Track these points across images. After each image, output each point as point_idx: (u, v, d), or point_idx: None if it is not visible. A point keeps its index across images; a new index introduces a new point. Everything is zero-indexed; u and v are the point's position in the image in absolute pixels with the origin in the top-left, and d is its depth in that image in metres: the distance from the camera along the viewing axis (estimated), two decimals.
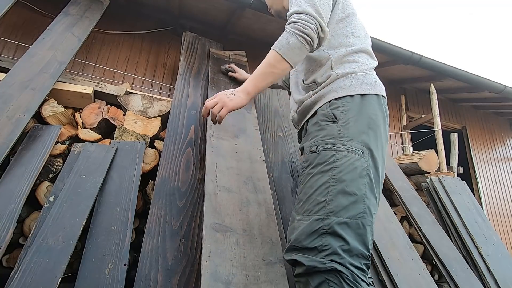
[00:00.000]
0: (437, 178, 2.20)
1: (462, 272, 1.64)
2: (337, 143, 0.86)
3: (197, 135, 1.53)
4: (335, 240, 0.75)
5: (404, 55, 2.94)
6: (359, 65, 1.01)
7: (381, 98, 0.98)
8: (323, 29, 0.95)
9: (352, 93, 0.94)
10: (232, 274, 0.87)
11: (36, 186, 1.27)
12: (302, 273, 0.75)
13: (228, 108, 1.01)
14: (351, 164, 0.82)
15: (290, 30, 0.95)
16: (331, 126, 0.91)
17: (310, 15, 0.94)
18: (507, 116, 4.69)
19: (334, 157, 0.84)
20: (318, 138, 0.91)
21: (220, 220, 1.00)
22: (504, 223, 3.87)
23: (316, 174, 0.85)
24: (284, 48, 0.95)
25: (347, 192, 0.79)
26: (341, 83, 0.97)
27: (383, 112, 0.95)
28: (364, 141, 0.86)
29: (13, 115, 1.31)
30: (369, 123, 0.90)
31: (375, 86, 0.98)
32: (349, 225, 0.76)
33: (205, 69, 1.97)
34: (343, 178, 0.81)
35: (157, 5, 2.60)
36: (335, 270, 0.72)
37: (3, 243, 1.00)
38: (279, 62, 0.95)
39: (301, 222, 0.81)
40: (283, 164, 1.71)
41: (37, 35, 1.73)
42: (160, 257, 1.06)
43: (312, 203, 0.81)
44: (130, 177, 1.31)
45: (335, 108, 0.93)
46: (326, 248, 0.74)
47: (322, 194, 0.81)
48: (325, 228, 0.76)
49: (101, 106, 1.62)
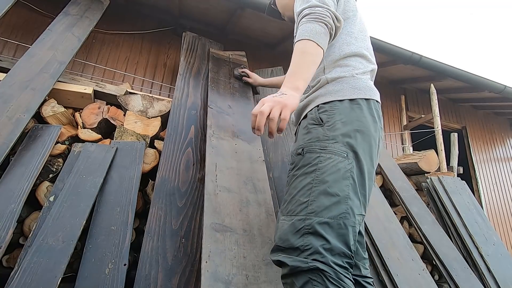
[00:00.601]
0: (437, 178, 2.20)
1: (462, 272, 1.64)
2: (322, 145, 0.87)
3: (197, 135, 1.53)
4: (317, 239, 0.75)
5: (404, 55, 2.94)
6: (350, 69, 1.00)
7: (372, 102, 0.97)
8: (338, 18, 0.95)
9: (340, 98, 0.94)
10: (232, 274, 0.87)
11: (36, 186, 1.27)
12: (287, 273, 0.76)
13: (290, 109, 0.84)
14: (334, 165, 0.83)
15: (309, 19, 0.92)
16: (317, 129, 0.92)
17: (323, 7, 0.94)
18: (507, 116, 4.69)
19: (318, 159, 0.85)
20: (304, 141, 0.92)
21: (220, 220, 1.00)
22: (504, 223, 3.87)
23: (300, 175, 0.86)
24: (313, 34, 0.90)
25: (329, 193, 0.80)
26: (330, 88, 0.97)
27: (373, 115, 0.95)
28: (349, 144, 0.86)
29: (13, 115, 1.31)
30: (356, 126, 0.90)
31: (364, 90, 0.97)
32: (330, 225, 0.77)
33: (205, 69, 1.97)
34: (326, 179, 0.82)
35: (157, 5, 2.60)
36: (318, 269, 0.72)
37: (3, 243, 1.00)
38: (312, 48, 0.90)
39: (284, 222, 0.82)
40: (283, 164, 1.71)
41: (37, 35, 1.73)
42: (160, 257, 1.06)
43: (295, 204, 0.82)
44: (130, 177, 1.31)
45: (323, 111, 0.94)
46: (308, 248, 0.75)
47: (305, 194, 0.82)
48: (307, 228, 0.77)
49: (101, 106, 1.62)
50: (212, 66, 1.88)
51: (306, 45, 0.90)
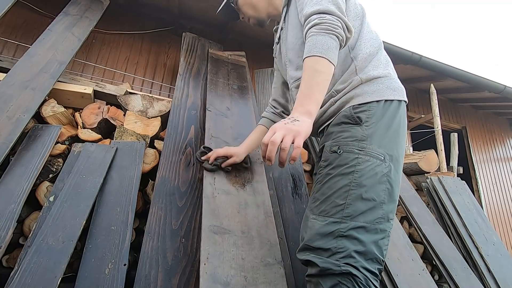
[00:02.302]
0: (437, 178, 2.20)
1: (462, 272, 1.64)
2: (360, 146, 0.85)
3: (197, 135, 1.53)
4: (351, 243, 0.74)
5: (404, 55, 2.94)
6: (382, 69, 0.97)
7: (403, 103, 0.96)
8: (349, 28, 0.90)
9: (378, 98, 0.92)
10: (230, 275, 0.87)
11: (36, 186, 1.27)
12: (315, 274, 0.75)
13: (302, 136, 0.79)
14: (372, 169, 0.82)
15: (319, 31, 0.87)
16: (355, 128, 0.88)
17: (334, 15, 0.88)
18: (507, 116, 4.69)
19: (356, 160, 0.83)
20: (340, 138, 0.89)
21: (218, 222, 1.00)
22: (504, 223, 3.87)
23: (336, 175, 0.83)
24: (325, 50, 0.85)
25: (366, 198, 0.79)
26: (365, 88, 0.94)
27: (404, 118, 0.95)
28: (386, 147, 0.85)
29: (13, 115, 1.31)
30: (392, 128, 0.89)
31: (399, 91, 0.96)
32: (366, 229, 0.76)
33: (205, 70, 1.97)
34: (363, 183, 0.80)
35: (157, 5, 2.60)
36: (350, 274, 0.71)
37: (3, 243, 1.00)
38: (326, 67, 0.85)
39: (315, 222, 0.80)
40: None
41: (37, 35, 1.73)
42: (160, 257, 1.06)
43: (330, 205, 0.80)
44: (130, 177, 1.31)
45: (361, 111, 0.90)
46: (342, 251, 0.74)
47: (341, 197, 0.80)
48: (342, 231, 0.76)
49: (101, 106, 1.62)
50: (211, 67, 1.88)
51: (318, 63, 0.85)
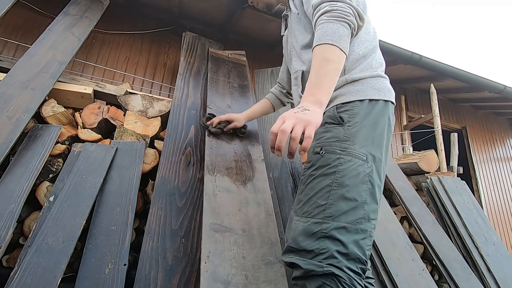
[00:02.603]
0: (437, 178, 2.20)
1: (462, 272, 1.64)
2: (342, 146, 0.85)
3: (197, 135, 1.53)
4: (333, 244, 0.74)
5: (404, 55, 2.94)
6: (370, 70, 0.97)
7: (389, 104, 0.95)
8: (361, 16, 0.88)
9: (361, 98, 0.91)
10: (231, 274, 0.87)
11: (36, 186, 1.27)
12: (300, 276, 0.75)
13: (314, 126, 0.76)
14: (354, 169, 0.82)
15: (330, 19, 0.85)
16: (337, 128, 0.88)
17: (345, 2, 0.87)
18: (507, 116, 4.69)
19: (338, 160, 0.83)
20: (323, 139, 0.89)
21: (219, 220, 1.00)
22: (504, 223, 3.87)
23: (318, 176, 0.83)
24: (335, 37, 0.83)
25: (348, 198, 0.78)
26: (350, 88, 0.94)
27: (390, 118, 0.94)
28: (369, 147, 0.85)
29: (13, 115, 1.31)
30: (377, 129, 0.88)
31: (384, 91, 0.95)
32: (347, 229, 0.76)
33: (205, 69, 1.97)
34: (345, 183, 0.80)
35: (157, 5, 2.60)
36: (333, 274, 0.71)
37: (3, 243, 1.00)
38: (337, 55, 0.83)
39: (298, 223, 0.81)
40: (283, 164, 1.71)
41: (37, 35, 1.73)
42: (160, 257, 1.06)
43: (312, 206, 0.80)
44: (130, 177, 1.31)
45: (343, 110, 0.91)
46: (324, 252, 0.74)
47: (323, 197, 0.80)
48: (324, 231, 0.76)
49: (101, 106, 1.62)
50: (211, 66, 1.88)
51: (329, 51, 0.83)
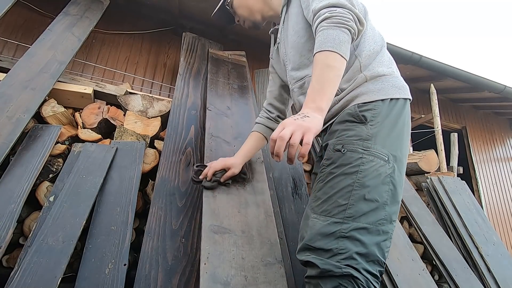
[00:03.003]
0: (437, 178, 2.20)
1: (462, 272, 1.64)
2: (365, 145, 0.83)
3: (197, 135, 1.53)
4: (353, 244, 0.73)
5: (404, 55, 2.94)
6: (386, 67, 0.95)
7: (408, 102, 0.95)
8: (361, 21, 0.89)
9: (383, 97, 0.90)
10: (231, 275, 0.87)
11: (36, 186, 1.27)
12: (315, 275, 0.73)
13: (312, 133, 0.78)
14: (376, 170, 0.80)
15: (330, 25, 0.85)
16: (359, 127, 0.86)
17: (345, 7, 0.87)
18: (507, 116, 4.68)
19: (360, 160, 0.81)
20: (344, 137, 0.87)
21: (218, 222, 1.00)
22: (504, 223, 3.87)
23: (339, 175, 0.82)
24: (336, 44, 0.83)
25: (369, 199, 0.78)
26: (370, 87, 0.92)
27: (409, 117, 0.92)
28: (390, 147, 0.84)
29: (13, 115, 1.31)
30: (397, 128, 0.87)
31: (403, 89, 0.94)
32: (368, 230, 0.75)
33: (205, 70, 1.98)
34: (366, 184, 0.79)
35: (157, 5, 2.60)
36: (351, 276, 0.70)
37: (3, 243, 1.00)
38: (338, 61, 0.84)
39: (317, 221, 0.79)
40: (283, 165, 1.71)
41: (37, 35, 1.73)
42: (160, 257, 1.06)
43: (332, 205, 0.79)
44: (130, 177, 1.31)
45: (366, 109, 0.89)
46: (343, 252, 0.72)
47: (344, 197, 0.78)
48: (343, 231, 0.74)
49: (101, 106, 1.62)
50: (211, 67, 1.88)
51: (331, 58, 0.84)
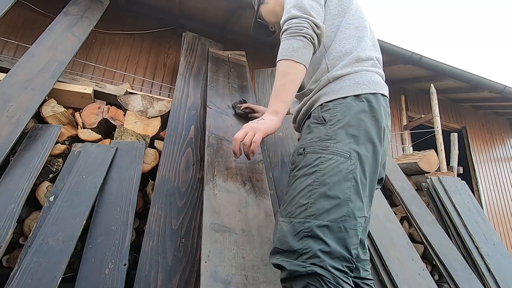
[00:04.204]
0: (437, 178, 2.20)
1: (462, 272, 1.64)
2: (323, 145, 0.85)
3: (197, 135, 1.53)
4: (315, 243, 0.74)
5: (404, 55, 2.94)
6: (353, 67, 0.97)
7: (379, 96, 0.93)
8: (318, 25, 0.94)
9: (344, 95, 0.91)
10: (231, 274, 0.87)
11: (36, 186, 1.27)
12: (286, 278, 0.75)
13: (261, 133, 0.92)
14: (335, 167, 0.81)
15: (286, 36, 0.94)
16: (319, 128, 0.89)
17: (300, 17, 0.93)
18: (507, 116, 4.69)
19: (319, 159, 0.83)
20: (306, 140, 0.90)
21: (219, 220, 1.00)
22: (504, 223, 3.87)
23: (301, 176, 0.84)
24: (289, 52, 0.92)
25: (330, 196, 0.78)
26: (332, 86, 0.95)
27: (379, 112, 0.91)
28: (352, 143, 0.84)
29: (13, 115, 1.31)
30: (360, 124, 0.87)
31: (369, 85, 0.93)
32: (330, 228, 0.75)
33: (205, 69, 1.97)
34: (326, 181, 0.80)
35: (157, 5, 2.60)
36: (316, 274, 0.71)
37: (3, 243, 1.00)
38: (291, 67, 0.92)
39: (283, 224, 0.81)
40: (283, 164, 1.71)
41: (37, 35, 1.73)
42: (160, 257, 1.06)
43: (294, 206, 0.81)
44: (130, 177, 1.31)
45: (326, 110, 0.92)
46: (307, 251, 0.73)
47: (305, 196, 0.80)
48: (306, 231, 0.75)
49: (101, 106, 1.62)
50: (211, 66, 1.88)
51: (284, 65, 0.93)
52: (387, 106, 0.97)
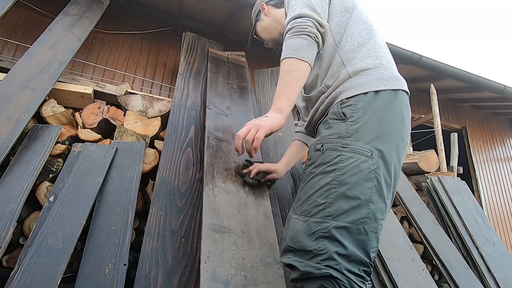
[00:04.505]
0: (437, 178, 2.20)
1: (462, 272, 1.64)
2: (344, 142, 0.81)
3: (197, 135, 1.53)
4: (332, 244, 0.71)
5: (404, 55, 2.94)
6: (373, 59, 0.93)
7: (401, 93, 0.90)
8: (321, 23, 0.93)
9: (365, 91, 0.87)
10: (231, 274, 0.87)
11: (36, 186, 1.27)
12: (297, 278, 0.73)
13: (264, 129, 0.90)
14: (356, 166, 0.78)
15: (290, 35, 0.94)
16: (339, 124, 0.85)
17: (304, 16, 0.93)
18: (507, 116, 4.69)
19: (339, 157, 0.79)
20: (324, 136, 0.87)
21: (219, 221, 1.00)
22: (504, 223, 3.87)
23: (318, 174, 0.81)
24: (294, 51, 0.91)
25: (349, 196, 0.75)
26: (353, 82, 0.90)
27: (402, 108, 0.88)
28: (375, 142, 0.80)
29: (13, 115, 1.31)
30: (383, 122, 0.83)
31: (392, 81, 0.89)
32: (348, 230, 0.73)
33: (205, 69, 1.97)
34: (346, 181, 0.76)
35: (157, 5, 2.60)
36: (331, 276, 0.69)
37: (3, 243, 1.00)
38: (295, 65, 0.91)
39: (297, 222, 0.78)
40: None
41: (37, 35, 1.73)
42: (160, 257, 1.06)
43: (311, 204, 0.78)
44: (130, 177, 1.31)
45: (346, 106, 0.87)
46: (322, 253, 0.71)
47: (323, 196, 0.77)
48: (323, 231, 0.73)
49: (101, 106, 1.62)
50: (211, 66, 1.88)
51: (289, 63, 0.92)
52: (407, 101, 0.93)
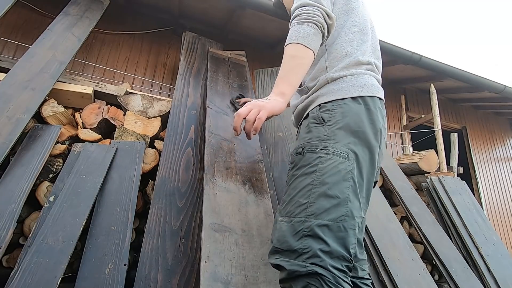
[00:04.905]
0: (437, 178, 2.20)
1: (462, 272, 1.64)
2: (323, 145, 0.86)
3: (197, 135, 1.53)
4: (316, 242, 0.74)
5: (404, 55, 2.94)
6: (352, 68, 0.97)
7: (376, 100, 0.95)
8: (330, 15, 0.94)
9: (342, 96, 0.92)
10: (231, 274, 0.87)
11: (36, 186, 1.27)
12: (285, 278, 0.74)
13: (266, 111, 0.89)
14: (335, 167, 0.82)
15: (298, 21, 0.93)
16: (318, 128, 0.90)
17: (313, 5, 0.93)
18: (507, 116, 4.69)
19: (319, 159, 0.84)
20: (305, 140, 0.91)
21: (219, 220, 1.00)
22: (504, 223, 3.87)
23: (300, 176, 0.84)
24: (300, 37, 0.91)
25: (329, 195, 0.79)
26: (331, 87, 0.95)
27: (376, 114, 0.93)
28: (351, 144, 0.85)
29: (13, 115, 1.31)
30: (358, 126, 0.88)
31: (366, 87, 0.94)
32: (329, 227, 0.76)
33: (205, 69, 1.97)
34: (326, 181, 0.80)
35: (157, 5, 2.60)
36: (316, 274, 0.71)
37: (3, 243, 1.00)
38: (300, 51, 0.91)
39: (282, 223, 0.81)
40: (283, 164, 1.71)
41: (37, 35, 1.73)
42: (160, 257, 1.06)
43: (294, 205, 0.81)
44: (130, 177, 1.31)
45: (324, 110, 0.92)
46: (307, 251, 0.73)
47: (304, 196, 0.80)
48: (306, 230, 0.75)
49: (101, 106, 1.62)
50: (211, 66, 1.88)
51: (294, 49, 0.92)
52: (383, 108, 0.98)
